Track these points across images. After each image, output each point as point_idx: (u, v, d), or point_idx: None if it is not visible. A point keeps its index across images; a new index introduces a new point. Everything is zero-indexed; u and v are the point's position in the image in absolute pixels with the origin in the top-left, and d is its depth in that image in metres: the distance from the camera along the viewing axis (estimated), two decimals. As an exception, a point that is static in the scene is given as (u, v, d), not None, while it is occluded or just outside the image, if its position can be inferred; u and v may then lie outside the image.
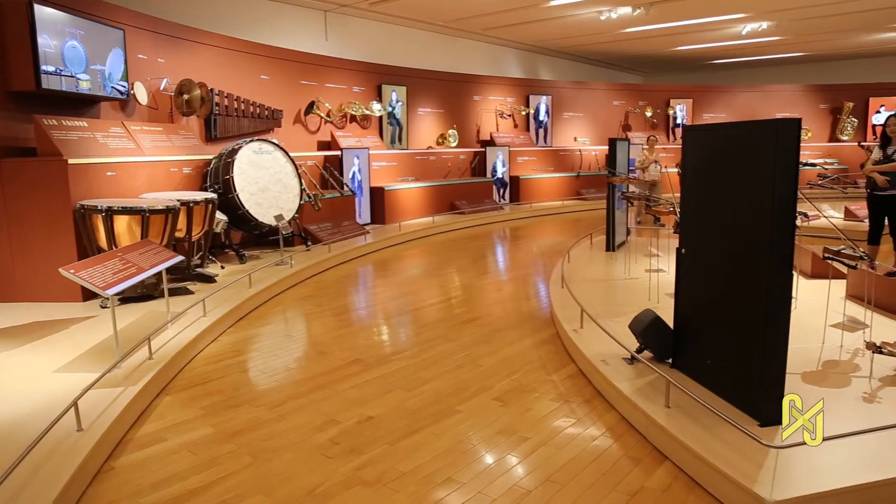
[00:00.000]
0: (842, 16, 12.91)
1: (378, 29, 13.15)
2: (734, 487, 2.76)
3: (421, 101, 13.50)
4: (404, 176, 12.39)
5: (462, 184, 13.14)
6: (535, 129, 16.03)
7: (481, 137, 14.95)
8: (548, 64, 18.15)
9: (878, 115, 17.18)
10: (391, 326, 5.90)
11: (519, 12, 12.44)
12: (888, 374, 3.94)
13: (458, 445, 3.42)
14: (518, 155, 14.85)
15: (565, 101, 16.66)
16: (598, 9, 12.30)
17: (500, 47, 16.33)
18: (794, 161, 3.01)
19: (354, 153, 10.97)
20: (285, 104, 10.33)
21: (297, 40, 11.26)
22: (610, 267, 7.29)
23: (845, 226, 9.18)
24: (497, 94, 15.27)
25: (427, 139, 13.65)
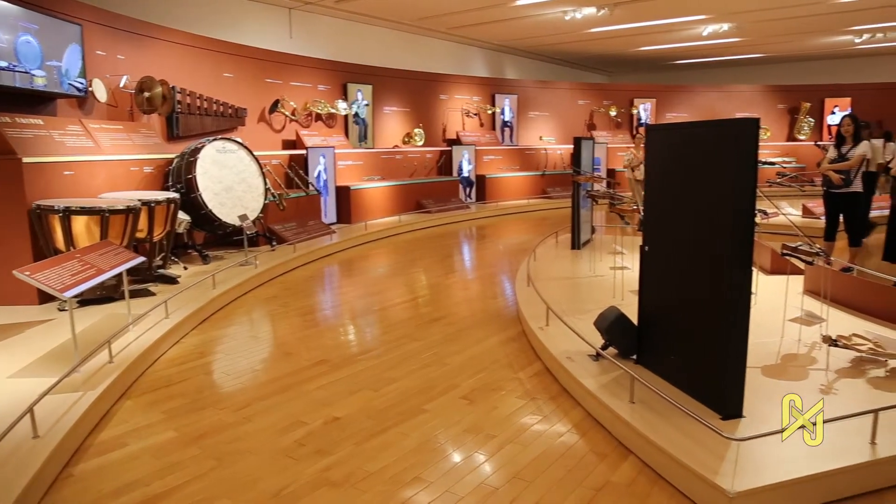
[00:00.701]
0: (798, 19, 13.22)
1: (343, 27, 13.07)
2: (697, 480, 2.81)
3: (387, 99, 13.46)
4: (370, 175, 12.34)
5: (428, 183, 13.13)
6: (500, 128, 16.10)
7: (447, 136, 14.96)
8: (513, 63, 18.25)
9: (833, 115, 17.64)
10: (357, 326, 5.87)
11: (484, 12, 12.48)
12: (844, 367, 4.05)
13: (426, 444, 3.42)
14: (484, 154, 14.90)
15: (531, 101, 16.76)
16: (563, 9, 12.40)
17: (465, 46, 16.37)
18: (752, 159, 3.07)
19: (320, 152, 10.88)
20: (249, 102, 10.20)
21: (262, 38, 11.13)
22: (575, 265, 7.36)
23: (803, 223, 9.40)
24: (463, 93, 15.29)
25: (393, 138, 13.61)
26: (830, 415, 3.14)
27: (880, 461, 2.89)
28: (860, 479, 2.88)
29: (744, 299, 3.16)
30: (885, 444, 2.97)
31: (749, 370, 3.35)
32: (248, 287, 6.91)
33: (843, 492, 2.85)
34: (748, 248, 3.13)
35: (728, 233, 3.16)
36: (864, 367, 4.03)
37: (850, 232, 7.30)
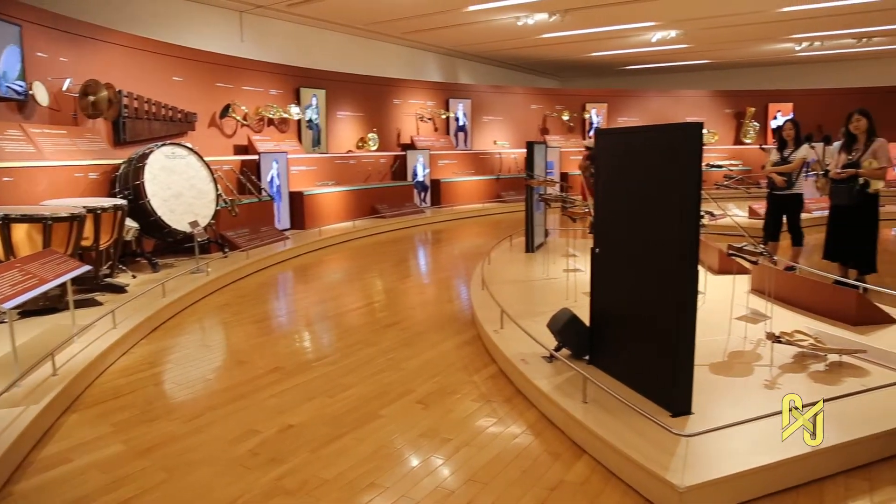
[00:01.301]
0: (741, 27, 13.64)
1: (296, 31, 12.96)
2: (648, 476, 2.87)
3: (340, 104, 13.38)
4: (324, 180, 12.24)
5: (383, 187, 13.10)
6: (455, 132, 16.16)
7: (402, 141, 14.95)
8: (467, 68, 18.35)
9: (776, 120, 18.22)
10: (312, 332, 5.82)
11: (437, 17, 12.53)
12: (787, 362, 4.19)
13: (381, 450, 3.42)
14: (439, 158, 14.93)
15: (485, 105, 16.87)
16: (516, 15, 12.53)
17: (419, 51, 16.40)
18: (697, 162, 3.16)
19: (273, 157, 10.75)
20: (200, 107, 10.02)
21: (212, 41, 10.95)
22: (529, 268, 7.43)
23: (749, 224, 9.67)
24: (417, 97, 15.31)
25: (347, 143, 13.54)
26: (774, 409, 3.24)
27: (820, 452, 3.00)
28: (802, 470, 2.98)
29: (691, 299, 3.25)
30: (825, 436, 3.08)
31: (697, 368, 3.44)
32: (199, 295, 6.79)
33: (786, 482, 2.94)
34: (694, 248, 3.21)
35: (674, 234, 3.25)
36: (805, 362, 4.17)
37: (792, 232, 7.55)
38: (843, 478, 3.05)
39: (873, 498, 2.89)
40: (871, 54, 17.50)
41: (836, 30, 14.13)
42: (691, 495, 2.70)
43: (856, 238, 6.41)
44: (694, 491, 2.71)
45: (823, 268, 6.91)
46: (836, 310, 5.17)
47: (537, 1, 11.43)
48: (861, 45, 15.88)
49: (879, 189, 6.43)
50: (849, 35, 14.89)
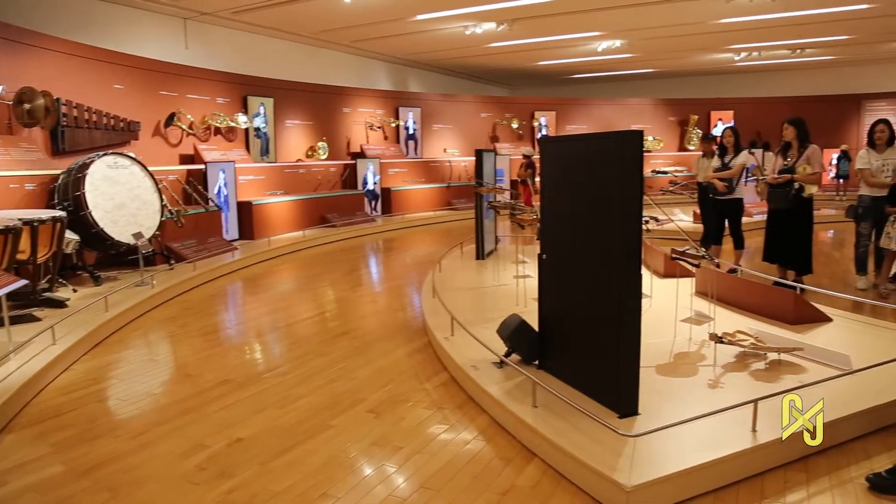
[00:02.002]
0: (683, 37, 14.06)
1: (242, 38, 12.79)
2: (596, 477, 2.92)
3: (289, 112, 13.26)
4: (273, 190, 12.09)
5: (333, 196, 13.01)
6: (405, 140, 16.18)
7: (352, 150, 14.89)
8: (417, 76, 18.41)
9: (717, 127, 18.80)
10: (262, 344, 5.75)
11: (385, 25, 12.54)
12: (729, 362, 4.32)
13: (333, 460, 3.39)
14: (389, 167, 14.92)
15: (435, 114, 16.95)
16: (464, 24, 12.64)
17: (368, 59, 16.38)
18: (638, 169, 3.24)
19: (220, 167, 10.58)
20: (143, 115, 9.79)
21: (155, 48, 10.72)
22: (480, 275, 7.48)
23: (693, 228, 9.96)
24: (366, 106, 15.28)
25: (296, 152, 13.42)
26: (717, 407, 3.35)
27: (760, 447, 3.11)
28: (744, 465, 3.08)
29: (634, 302, 3.32)
30: (764, 431, 3.19)
31: (643, 369, 3.53)
32: (144, 308, 6.62)
33: (729, 478, 3.04)
34: (637, 252, 3.29)
35: (617, 239, 3.32)
36: (747, 361, 4.31)
37: (734, 236, 7.80)
38: (782, 471, 3.16)
39: (810, 489, 3.01)
40: (805, 65, 18.26)
41: (772, 41, 14.68)
42: (638, 494, 2.76)
43: (792, 240, 6.66)
44: (640, 490, 2.77)
45: (764, 270, 7.16)
46: (775, 310, 5.36)
47: (485, 10, 11.55)
48: (795, 56, 16.57)
49: (814, 193, 6.70)
50: (784, 46, 15.51)
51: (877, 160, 6.66)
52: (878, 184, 6.57)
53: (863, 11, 11.85)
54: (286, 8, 11.00)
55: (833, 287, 6.74)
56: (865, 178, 6.73)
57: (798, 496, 2.95)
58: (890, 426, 3.59)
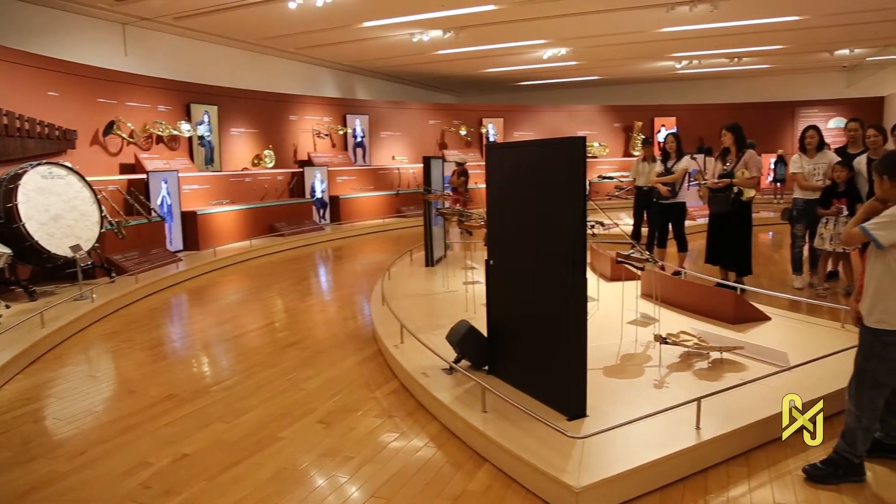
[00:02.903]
0: (625, 45, 14.37)
1: (185, 45, 12.52)
2: (546, 479, 2.95)
3: (234, 120, 13.04)
4: (218, 199, 11.85)
5: (280, 205, 12.84)
6: (353, 148, 16.10)
7: (299, 158, 14.73)
8: (364, 84, 18.35)
9: (660, 133, 19.26)
10: (209, 356, 5.62)
11: (331, 32, 12.46)
12: (674, 362, 4.43)
13: (282, 473, 3.34)
14: (337, 174, 14.81)
15: (383, 121, 16.92)
16: (410, 31, 12.66)
17: (315, 66, 16.24)
18: (581, 174, 3.30)
19: (162, 176, 10.32)
20: (80, 124, 9.48)
21: (92, 54, 10.39)
22: (429, 281, 7.48)
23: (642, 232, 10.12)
24: (313, 113, 15.15)
25: (242, 160, 13.20)
26: (663, 406, 3.42)
27: (704, 444, 3.19)
28: (688, 462, 3.15)
29: (580, 305, 3.37)
30: (708, 429, 3.28)
31: (591, 372, 3.58)
32: (84, 323, 6.40)
33: (674, 475, 3.11)
34: (581, 256, 3.34)
35: (562, 243, 3.37)
36: (691, 361, 4.43)
37: (677, 238, 7.99)
38: (724, 466, 3.25)
39: (751, 483, 3.10)
40: (743, 73, 18.92)
41: (711, 50, 15.15)
42: (587, 495, 2.80)
43: (733, 243, 6.87)
44: (589, 490, 2.81)
45: (706, 271, 7.35)
46: (717, 310, 5.52)
47: (431, 18, 11.60)
48: (733, 64, 17.14)
49: (752, 196, 6.92)
50: (722, 55, 16.02)
51: (808, 164, 6.92)
52: (811, 187, 6.83)
53: (795, 23, 12.36)
54: (229, 14, 10.83)
55: (772, 287, 6.97)
56: (798, 181, 6.99)
57: (740, 490, 3.04)
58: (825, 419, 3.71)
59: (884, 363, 2.98)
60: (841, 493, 2.98)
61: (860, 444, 3.04)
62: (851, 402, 3.07)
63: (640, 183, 8.87)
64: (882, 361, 2.98)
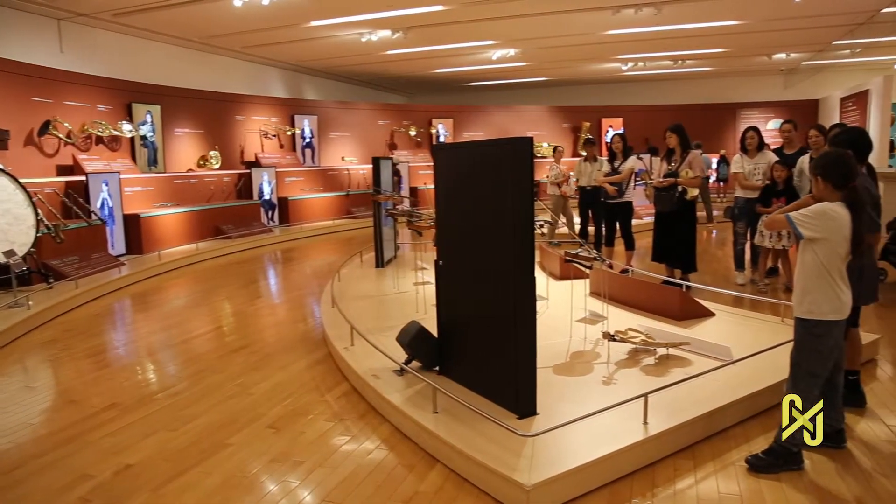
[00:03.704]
0: (572, 47, 14.59)
1: (125, 42, 12.14)
2: (498, 478, 2.96)
3: (178, 121, 12.73)
4: (163, 201, 11.55)
5: (227, 207, 12.59)
6: (301, 149, 15.91)
7: (246, 159, 14.47)
8: (312, 84, 18.15)
9: (608, 134, 19.60)
10: (154, 363, 5.46)
11: (278, 31, 12.28)
12: (622, 358, 4.50)
13: (230, 480, 3.27)
14: (285, 176, 14.61)
15: (331, 121, 16.77)
16: (359, 31, 12.57)
17: (262, 66, 15.98)
18: (528, 174, 3.32)
19: (103, 178, 10.00)
20: (13, 123, 9.10)
21: (25, 51, 9.99)
22: (380, 283, 7.44)
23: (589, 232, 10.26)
24: (261, 113, 14.92)
25: (187, 161, 12.90)
26: (611, 402, 3.47)
27: (651, 438, 3.25)
28: (636, 457, 3.21)
29: (528, 304, 3.39)
30: (655, 423, 3.35)
31: (541, 370, 3.61)
32: (19, 332, 6.15)
33: (623, 470, 3.16)
34: (529, 255, 3.36)
35: (509, 244, 3.39)
36: (638, 357, 4.51)
37: (625, 237, 8.14)
38: (671, 459, 3.32)
39: (697, 475, 3.17)
40: (687, 75, 19.42)
41: (655, 52, 15.49)
42: (538, 492, 2.82)
43: (677, 240, 7.02)
44: (540, 488, 2.83)
45: (653, 269, 7.50)
46: (663, 307, 5.63)
47: (380, 18, 11.54)
48: (678, 66, 17.57)
49: (696, 196, 7.10)
50: (667, 57, 16.40)
51: (749, 164, 7.13)
52: (751, 186, 7.04)
53: (735, 27, 12.76)
54: (172, 11, 10.56)
55: (716, 284, 7.16)
56: (739, 181, 7.20)
57: (686, 482, 3.11)
58: (766, 410, 3.84)
59: (815, 354, 3.10)
60: (781, 482, 3.08)
61: (798, 433, 3.14)
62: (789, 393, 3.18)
63: (584, 183, 8.99)
64: (813, 352, 3.10)
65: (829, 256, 3.04)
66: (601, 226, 8.53)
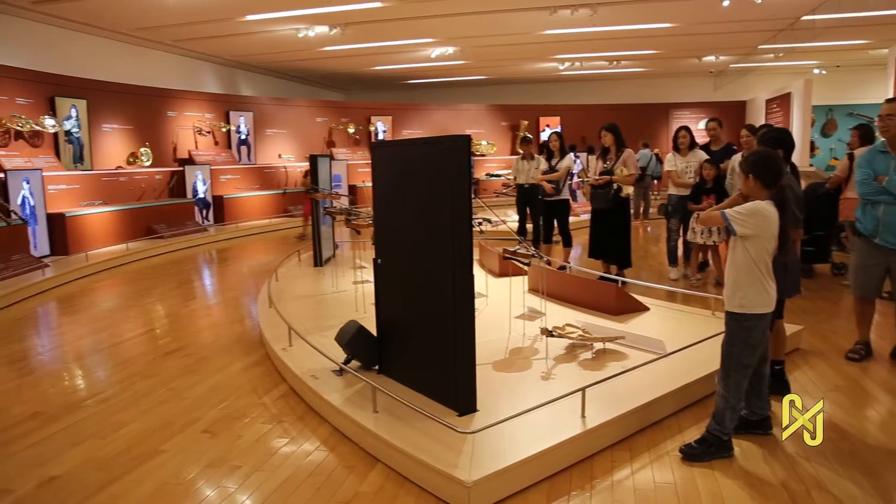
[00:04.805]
0: (510, 46, 14.71)
1: (47, 33, 11.57)
2: (438, 476, 2.95)
3: (106, 116, 12.24)
4: (90, 200, 11.10)
5: (160, 206, 12.19)
6: (237, 146, 15.55)
7: (179, 156, 14.03)
8: (248, 79, 17.75)
9: (545, 132, 19.88)
10: (82, 368, 5.24)
11: (212, 25, 11.95)
12: (560, 354, 4.56)
13: (164, 488, 3.16)
14: (220, 173, 14.26)
15: (268, 118, 16.45)
16: (295, 26, 12.36)
17: (195, 60, 15.52)
18: (465, 173, 3.32)
19: (23, 175, 9.53)
20: (-76, 119, 8.59)
21: (-63, 43, 9.44)
22: (318, 282, 7.33)
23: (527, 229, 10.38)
24: (194, 109, 14.50)
25: (116, 158, 12.42)
26: (550, 397, 3.52)
27: (589, 431, 3.31)
28: (575, 450, 3.26)
29: (467, 302, 3.40)
30: (593, 417, 3.40)
31: (480, 367, 3.63)
32: (-68, 337, 5.82)
33: (562, 463, 3.20)
34: (467, 253, 3.36)
35: (448, 241, 3.39)
36: (576, 352, 4.58)
37: (562, 234, 8.26)
38: (609, 452, 3.39)
39: (633, 466, 3.24)
40: (622, 75, 19.88)
41: (592, 52, 15.79)
42: (478, 489, 2.83)
43: (613, 237, 7.17)
44: (481, 484, 2.84)
45: (590, 265, 7.64)
46: (600, 302, 5.74)
47: (317, 13, 11.38)
48: (613, 67, 17.96)
49: (630, 193, 7.27)
50: (602, 58, 16.74)
51: (681, 163, 7.35)
52: (683, 184, 7.25)
53: (667, 30, 13.15)
54: (97, 1, 10.14)
55: (650, 279, 7.35)
56: (672, 179, 7.41)
57: (624, 473, 3.17)
58: (698, 401, 3.97)
59: (746, 346, 3.22)
60: (713, 469, 3.18)
61: (728, 422, 3.26)
62: (720, 384, 3.29)
63: (521, 181, 9.08)
64: (744, 344, 3.22)
65: (759, 252, 3.16)
66: (539, 223, 8.63)
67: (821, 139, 18.51)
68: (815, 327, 5.54)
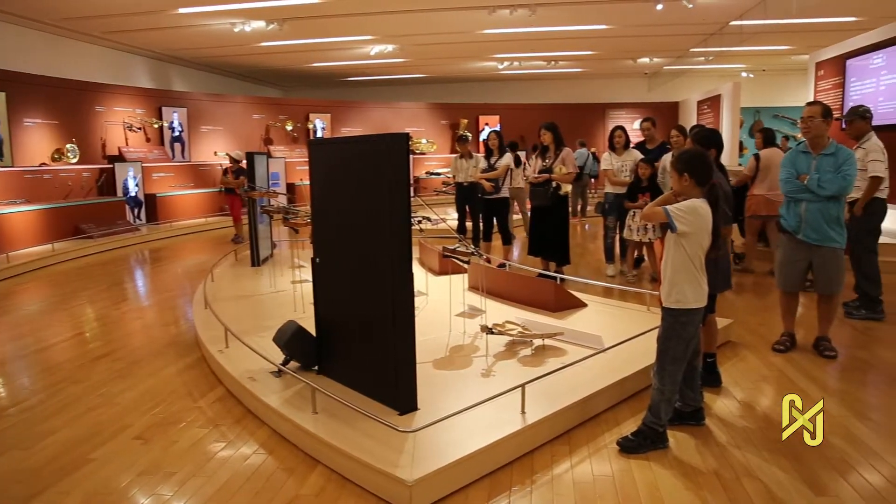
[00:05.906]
0: (449, 45, 14.78)
1: (-38, 23, 11.00)
2: (379, 476, 2.94)
3: (27, 110, 11.68)
4: (11, 199, 10.58)
5: (88, 204, 11.72)
6: (170, 143, 15.10)
7: (108, 152, 13.53)
8: (182, 74, 17.24)
9: (484, 131, 20.03)
10: (3, 375, 4.97)
11: (142, 17, 11.55)
12: (500, 350, 4.60)
13: (94, 498, 3.04)
14: (153, 171, 13.82)
15: (203, 114, 16.03)
16: (231, 20, 12.07)
17: (125, 53, 14.98)
18: (403, 171, 3.31)
19: (-61, 172, 9.02)
20: None
21: None
22: (255, 282, 7.18)
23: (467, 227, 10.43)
24: (124, 104, 14.00)
25: (39, 155, 11.87)
26: (490, 394, 3.54)
27: (529, 427, 3.35)
28: (515, 446, 3.29)
29: (407, 300, 3.38)
30: (532, 412, 3.44)
31: (421, 365, 3.62)
32: None
33: (503, 459, 3.23)
34: (406, 251, 3.35)
35: (386, 239, 3.37)
36: (516, 349, 4.62)
37: (502, 232, 8.33)
38: (549, 446, 3.43)
39: (573, 459, 3.30)
40: (560, 75, 20.22)
41: (530, 52, 15.99)
42: (420, 487, 2.82)
43: (552, 234, 7.27)
44: (422, 483, 2.83)
45: (530, 263, 7.73)
46: (539, 299, 5.81)
47: (253, 8, 11.14)
48: (551, 67, 18.25)
49: (568, 191, 7.38)
50: (540, 58, 16.97)
51: (617, 161, 7.51)
52: (619, 182, 7.42)
53: (602, 31, 13.45)
54: (19, -9, 9.69)
55: (588, 276, 7.49)
56: (608, 177, 7.57)
57: (563, 467, 3.22)
58: (634, 394, 4.06)
59: (680, 340, 3.31)
60: (649, 460, 3.26)
61: (663, 414, 3.35)
62: (656, 377, 3.38)
63: (460, 179, 9.12)
64: (679, 338, 3.31)
65: (694, 249, 3.25)
66: (479, 221, 8.68)
67: (748, 139, 19.26)
68: (744, 321, 5.75)
